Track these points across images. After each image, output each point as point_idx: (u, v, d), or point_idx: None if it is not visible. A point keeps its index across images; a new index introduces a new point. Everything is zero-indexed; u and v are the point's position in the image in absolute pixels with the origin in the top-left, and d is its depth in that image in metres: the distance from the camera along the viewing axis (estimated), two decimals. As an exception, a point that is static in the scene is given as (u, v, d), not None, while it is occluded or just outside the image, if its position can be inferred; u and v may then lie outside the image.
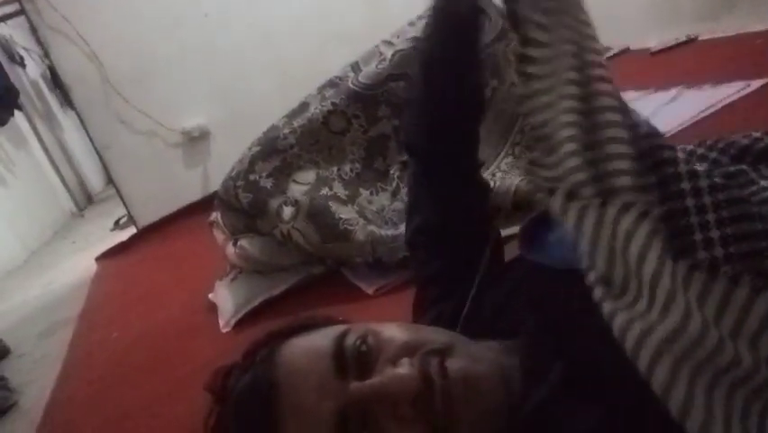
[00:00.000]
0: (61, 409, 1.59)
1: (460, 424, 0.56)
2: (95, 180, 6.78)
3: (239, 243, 1.70)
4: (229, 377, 0.64)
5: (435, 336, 0.64)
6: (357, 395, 0.56)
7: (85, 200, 6.32)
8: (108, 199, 5.18)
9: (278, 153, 1.68)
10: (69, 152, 6.42)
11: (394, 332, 0.62)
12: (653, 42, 2.43)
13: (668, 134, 1.48)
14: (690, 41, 2.30)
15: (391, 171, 1.72)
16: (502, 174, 1.67)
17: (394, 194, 1.69)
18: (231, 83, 3.22)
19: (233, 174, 1.71)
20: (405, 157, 1.75)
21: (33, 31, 2.99)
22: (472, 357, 0.60)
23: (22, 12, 3.02)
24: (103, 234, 4.00)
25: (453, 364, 0.57)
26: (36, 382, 1.86)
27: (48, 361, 1.98)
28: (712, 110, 1.61)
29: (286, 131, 1.71)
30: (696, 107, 1.66)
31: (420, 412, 0.55)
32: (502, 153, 1.75)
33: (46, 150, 5.89)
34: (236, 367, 0.65)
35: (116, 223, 4.08)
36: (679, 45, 2.31)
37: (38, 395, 1.74)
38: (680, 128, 1.58)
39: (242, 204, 1.68)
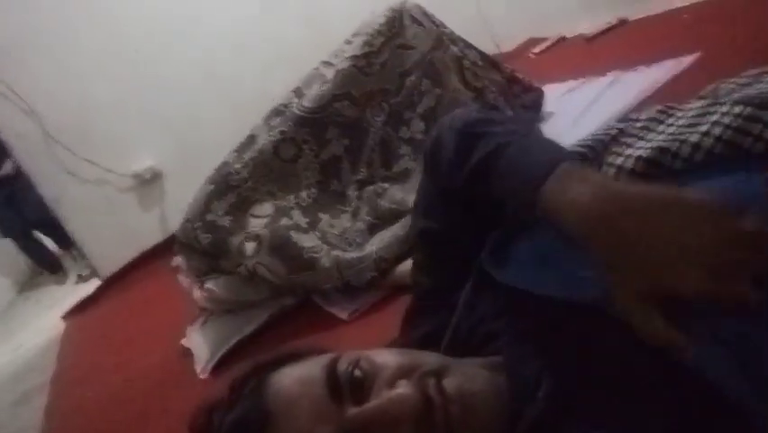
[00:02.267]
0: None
1: None
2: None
3: (205, 285, 1.67)
4: (213, 413, 0.62)
5: (428, 358, 0.64)
6: (358, 420, 0.56)
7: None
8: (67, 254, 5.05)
9: (232, 189, 1.66)
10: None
11: (386, 357, 0.63)
12: (586, 28, 2.48)
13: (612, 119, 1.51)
14: (622, 24, 2.36)
15: (348, 192, 1.72)
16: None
17: (354, 215, 1.69)
18: (176, 119, 3.17)
19: (189, 216, 1.69)
20: (360, 176, 1.76)
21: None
22: (467, 376, 0.61)
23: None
24: (68, 289, 3.90)
25: (450, 384, 0.58)
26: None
27: (26, 431, 1.91)
28: (648, 93, 1.65)
29: (237, 165, 1.69)
30: (632, 91, 1.70)
31: (422, 431, 0.56)
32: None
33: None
34: (221, 402, 0.63)
35: (79, 276, 3.99)
36: (611, 29, 2.37)
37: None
38: (623, 112, 1.62)
39: (203, 245, 1.66)
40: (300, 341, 1.42)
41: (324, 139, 1.74)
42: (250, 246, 1.58)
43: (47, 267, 4.68)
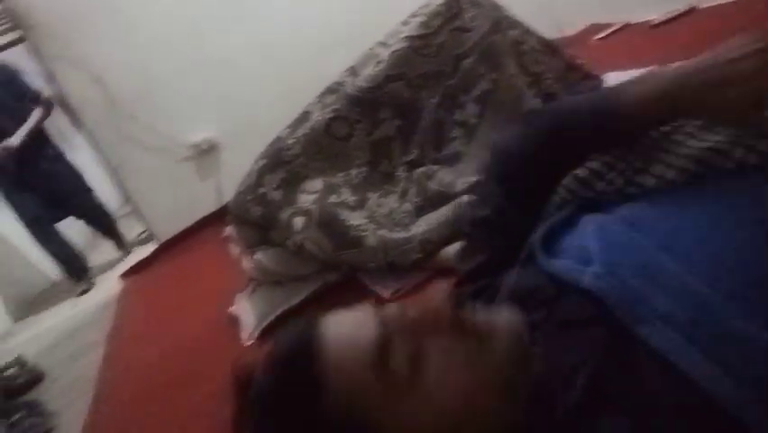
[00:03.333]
0: (97, 433, 1.64)
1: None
2: (112, 200, 6.85)
3: (255, 256, 1.72)
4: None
5: None
6: (398, 317, 0.61)
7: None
8: (128, 216, 5.24)
9: (284, 165, 1.70)
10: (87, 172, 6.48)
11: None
12: (653, 14, 2.40)
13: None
14: (691, 11, 2.27)
15: (397, 173, 1.73)
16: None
17: (402, 195, 1.70)
18: (234, 94, 3.24)
19: (242, 189, 1.73)
20: (410, 157, 1.77)
21: (37, 59, 3.03)
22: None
23: (19, 41, 3.07)
24: (120, 254, 4.06)
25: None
26: (71, 406, 1.91)
27: (81, 383, 2.02)
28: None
29: (290, 141, 1.72)
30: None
31: (459, 339, 0.60)
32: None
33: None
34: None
35: (138, 238, 4.14)
36: (679, 16, 2.28)
37: (73, 419, 1.79)
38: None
39: (254, 218, 1.70)
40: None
41: (376, 119, 1.75)
42: (299, 221, 1.61)
43: (68, 268, 3.61)
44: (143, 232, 3.73)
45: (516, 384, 0.60)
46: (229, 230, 1.91)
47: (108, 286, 3.23)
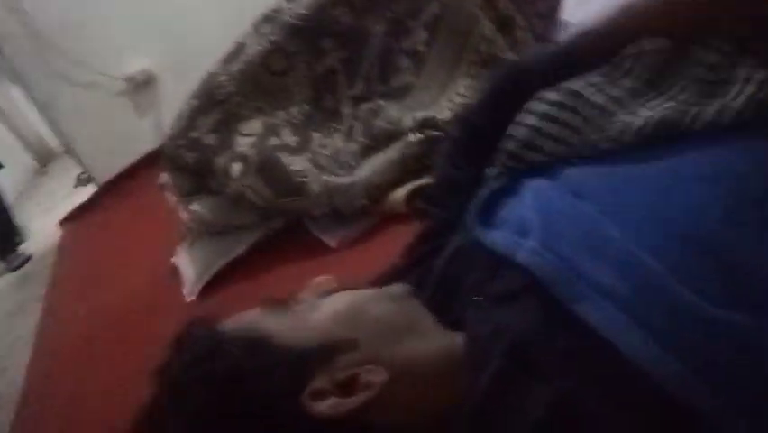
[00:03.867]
0: (35, 397, 1.55)
1: None
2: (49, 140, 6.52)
3: (191, 206, 1.60)
4: None
5: None
6: None
7: (46, 155, 6.09)
8: (64, 156, 4.99)
9: (218, 105, 1.55)
10: (23, 107, 6.11)
11: None
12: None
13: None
14: None
15: (342, 109, 1.60)
16: (461, 99, 1.56)
17: (348, 134, 1.58)
18: (171, 20, 2.96)
19: (173, 133, 1.60)
20: (355, 92, 1.63)
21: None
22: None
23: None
24: (67, 192, 3.86)
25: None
26: (10, 369, 1.81)
27: (21, 343, 1.92)
28: None
29: (223, 78, 1.57)
30: None
31: None
32: (458, 76, 1.62)
33: (-4, 107, 5.60)
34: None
35: (78, 178, 3.92)
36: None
37: (12, 381, 1.70)
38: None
39: (188, 164, 1.57)
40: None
41: (318, 50, 1.61)
42: (236, 167, 1.49)
43: None
44: (82, 173, 3.52)
45: None
46: (163, 177, 1.77)
47: (48, 231, 3.06)
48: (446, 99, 1.57)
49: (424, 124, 1.45)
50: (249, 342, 0.57)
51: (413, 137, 1.42)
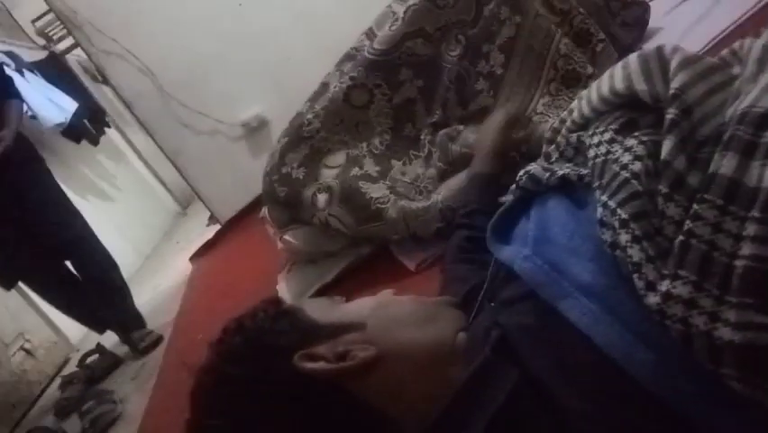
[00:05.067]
0: (155, 421, 1.71)
1: None
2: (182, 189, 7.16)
3: (285, 236, 1.71)
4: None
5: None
6: None
7: (187, 199, 6.69)
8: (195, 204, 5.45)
9: (305, 141, 1.66)
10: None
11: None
12: None
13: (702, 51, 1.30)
14: None
15: (422, 137, 1.65)
16: (538, 118, 1.56)
17: (427, 160, 1.62)
18: (278, 68, 3.22)
19: (267, 169, 1.72)
20: (434, 118, 1.68)
21: (89, 56, 3.14)
22: None
23: (76, 44, 3.18)
24: (201, 231, 4.22)
25: None
26: (138, 392, 2.01)
27: (148, 368, 2.13)
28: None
29: (309, 116, 1.68)
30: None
31: None
32: (537, 94, 1.62)
33: (142, 158, 6.27)
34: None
35: (209, 219, 4.29)
36: None
37: (138, 406, 1.89)
38: (713, 42, 1.38)
39: (281, 198, 1.69)
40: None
41: (396, 81, 1.67)
42: (322, 198, 1.58)
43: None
44: (210, 216, 3.85)
45: None
46: (263, 211, 1.91)
47: (182, 267, 3.37)
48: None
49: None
50: (283, 311, 0.66)
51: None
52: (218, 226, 3.63)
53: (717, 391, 0.42)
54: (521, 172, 0.71)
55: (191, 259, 3.29)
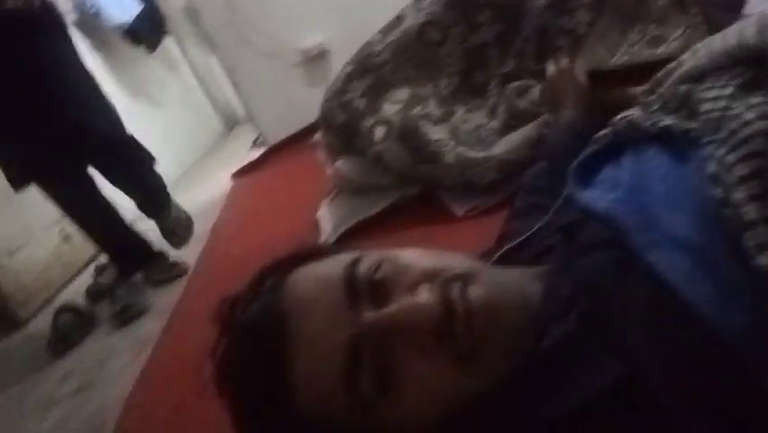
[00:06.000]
0: (184, 316, 1.76)
1: (482, 349, 0.53)
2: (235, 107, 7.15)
3: (336, 163, 1.71)
4: (236, 306, 0.63)
5: (457, 261, 0.60)
6: (373, 325, 0.54)
7: (233, 120, 6.72)
8: (244, 123, 5.46)
9: (371, 71, 1.64)
10: (217, 75, 6.78)
11: (412, 258, 0.60)
12: None
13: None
14: None
15: (489, 87, 1.61)
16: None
17: (491, 111, 1.58)
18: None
19: (329, 94, 1.71)
20: (507, 68, 1.63)
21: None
22: (495, 284, 0.57)
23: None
24: (245, 153, 4.25)
25: (475, 291, 0.55)
26: (167, 293, 2.07)
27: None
28: None
29: (379, 47, 1.65)
30: None
31: (441, 340, 0.53)
32: (618, 59, 1.55)
33: (196, 73, 6.27)
34: (242, 296, 0.64)
35: (255, 141, 4.31)
36: None
37: (166, 305, 1.95)
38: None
39: (338, 124, 1.68)
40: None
41: (474, 23, 1.62)
42: (380, 131, 1.56)
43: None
44: (258, 137, 3.86)
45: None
46: (317, 136, 1.91)
47: (223, 183, 3.40)
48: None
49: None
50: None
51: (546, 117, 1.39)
52: (263, 150, 3.66)
53: None
54: (618, 117, 0.66)
55: (234, 176, 3.32)
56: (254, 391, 0.58)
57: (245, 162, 3.42)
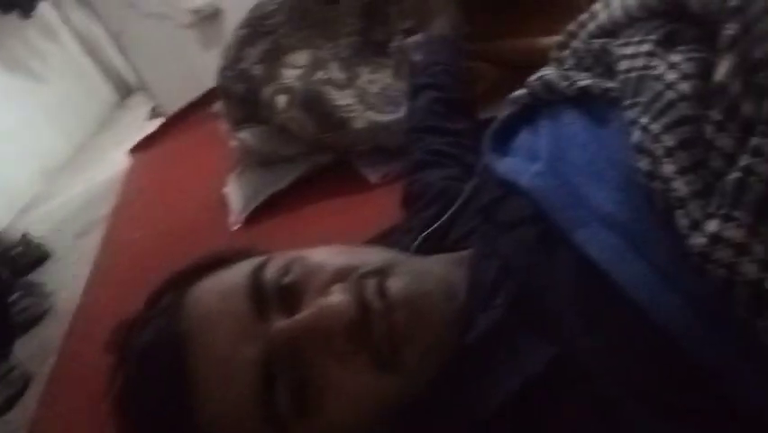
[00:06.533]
0: (86, 316, 1.64)
1: (405, 349, 0.49)
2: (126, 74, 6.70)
3: (239, 135, 1.61)
4: (132, 332, 0.56)
5: (372, 256, 0.55)
6: (282, 335, 0.48)
7: (125, 89, 6.30)
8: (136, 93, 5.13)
9: (265, 35, 1.53)
10: (104, 41, 6.30)
11: (323, 257, 0.55)
12: None
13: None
14: None
15: (392, 43, 1.54)
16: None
17: (398, 69, 1.52)
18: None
19: (223, 64, 1.59)
20: (407, 24, 1.56)
21: None
22: (415, 275, 0.53)
23: None
24: (141, 125, 3.99)
25: (394, 285, 0.50)
26: (70, 286, 1.91)
27: (82, 262, 2.02)
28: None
29: (272, 7, 1.54)
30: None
31: (359, 343, 0.48)
32: None
33: (80, 39, 5.79)
34: (139, 320, 0.57)
35: (152, 110, 4.04)
36: None
37: (71, 299, 1.80)
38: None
39: (238, 95, 1.57)
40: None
41: (371, -26, 1.54)
42: (281, 99, 1.47)
43: None
44: (155, 106, 3.62)
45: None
46: (217, 106, 1.79)
47: (120, 159, 3.18)
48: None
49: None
50: None
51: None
52: (162, 120, 3.44)
53: (746, 342, 0.39)
54: (532, 77, 0.62)
55: (131, 152, 3.10)
56: (158, 427, 0.52)
57: (142, 136, 3.20)
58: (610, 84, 0.54)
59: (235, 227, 1.59)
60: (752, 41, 0.43)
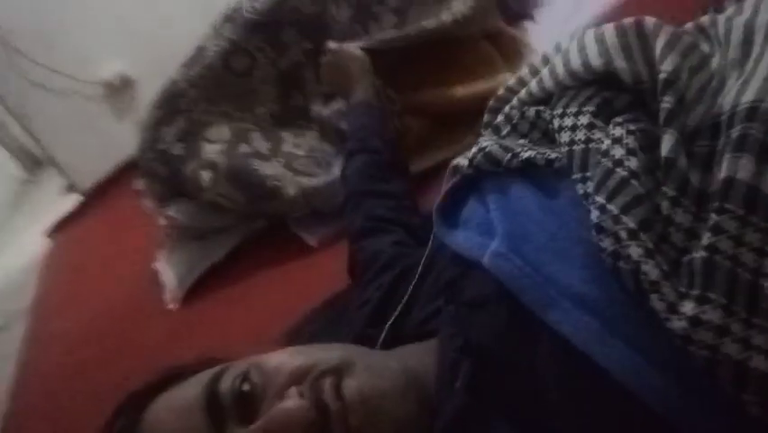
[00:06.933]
0: (16, 419, 1.53)
1: None
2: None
3: (167, 212, 1.57)
4: None
5: (329, 353, 0.55)
6: None
7: (34, 162, 6.02)
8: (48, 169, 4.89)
9: (181, 113, 1.51)
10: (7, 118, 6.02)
11: (280, 360, 0.54)
12: None
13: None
14: None
15: (313, 107, 1.56)
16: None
17: (322, 132, 1.54)
18: (147, 22, 2.90)
19: (142, 145, 1.56)
20: (324, 88, 1.59)
21: None
22: (371, 373, 0.52)
23: None
24: (56, 201, 3.80)
25: (350, 383, 0.50)
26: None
27: (4, 361, 1.89)
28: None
29: (184, 85, 1.53)
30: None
31: None
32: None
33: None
34: None
35: (66, 186, 3.87)
36: None
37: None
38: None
39: (161, 176, 1.54)
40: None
41: (281, 44, 1.56)
42: (205, 175, 1.45)
43: None
44: (68, 185, 3.48)
45: None
46: (140, 183, 1.74)
47: (35, 242, 3.01)
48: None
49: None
50: None
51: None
52: (77, 197, 3.30)
53: (733, 416, 0.40)
54: (474, 149, 0.62)
55: (48, 234, 2.95)
56: None
57: (59, 215, 3.05)
58: (553, 155, 0.55)
59: (171, 305, 1.54)
60: (686, 112, 0.46)
